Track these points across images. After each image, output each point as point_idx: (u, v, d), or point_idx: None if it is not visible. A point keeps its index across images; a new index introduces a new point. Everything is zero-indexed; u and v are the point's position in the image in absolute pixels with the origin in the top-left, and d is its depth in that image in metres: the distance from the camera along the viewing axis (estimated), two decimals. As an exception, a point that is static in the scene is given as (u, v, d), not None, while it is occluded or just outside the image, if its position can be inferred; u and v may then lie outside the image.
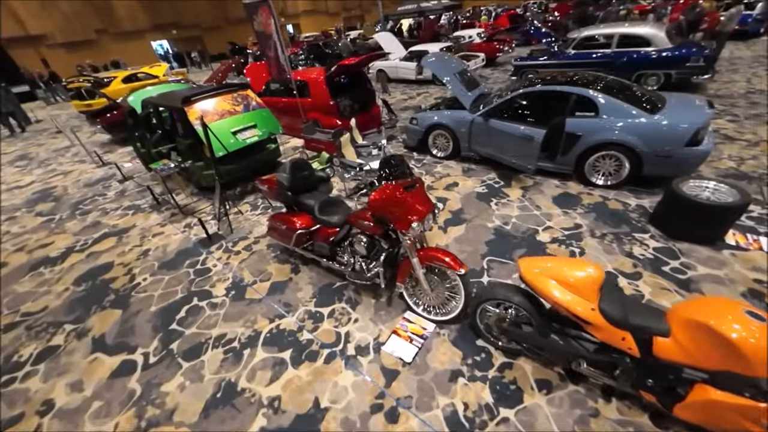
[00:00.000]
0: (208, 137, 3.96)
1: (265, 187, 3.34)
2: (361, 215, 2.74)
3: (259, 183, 3.44)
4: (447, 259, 2.46)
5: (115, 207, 5.44)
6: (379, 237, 2.80)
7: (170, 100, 5.13)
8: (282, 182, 3.16)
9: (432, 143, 5.74)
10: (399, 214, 2.42)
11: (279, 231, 3.35)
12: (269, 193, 3.35)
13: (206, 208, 5.05)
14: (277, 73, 5.99)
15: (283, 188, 3.16)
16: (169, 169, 4.63)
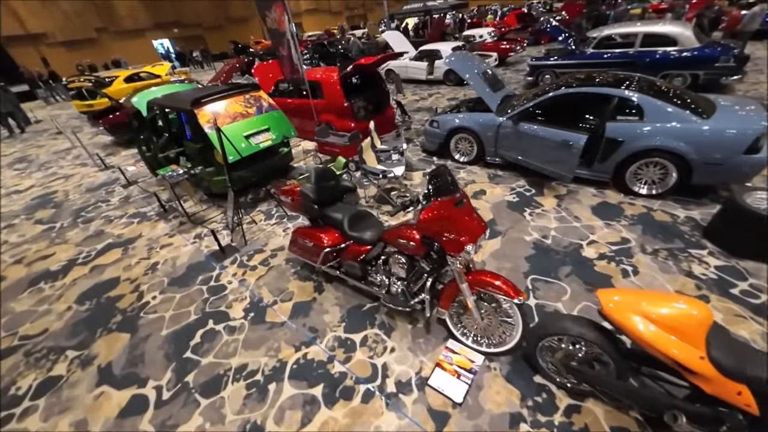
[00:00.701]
0: (221, 142, 3.66)
1: (288, 198, 3.03)
2: (400, 233, 2.44)
3: (280, 194, 3.13)
4: (502, 285, 2.16)
5: (119, 215, 5.14)
6: (419, 257, 2.50)
7: (178, 101, 4.83)
8: (307, 194, 2.86)
9: (454, 147, 5.44)
10: (451, 235, 2.13)
11: (303, 248, 3.05)
12: (292, 206, 3.05)
13: (217, 216, 4.75)
14: (290, 73, 5.69)
15: (309, 201, 2.86)
16: (177, 176, 4.33)
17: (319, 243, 2.85)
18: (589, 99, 4.18)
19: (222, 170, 4.79)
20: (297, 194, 2.94)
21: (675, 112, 3.65)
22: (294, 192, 2.97)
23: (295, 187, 3.05)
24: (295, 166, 6.08)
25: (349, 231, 2.80)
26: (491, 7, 27.51)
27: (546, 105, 4.44)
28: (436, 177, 2.26)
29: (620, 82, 4.05)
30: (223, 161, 3.87)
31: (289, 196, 3.01)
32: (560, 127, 4.07)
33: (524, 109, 4.45)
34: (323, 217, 2.98)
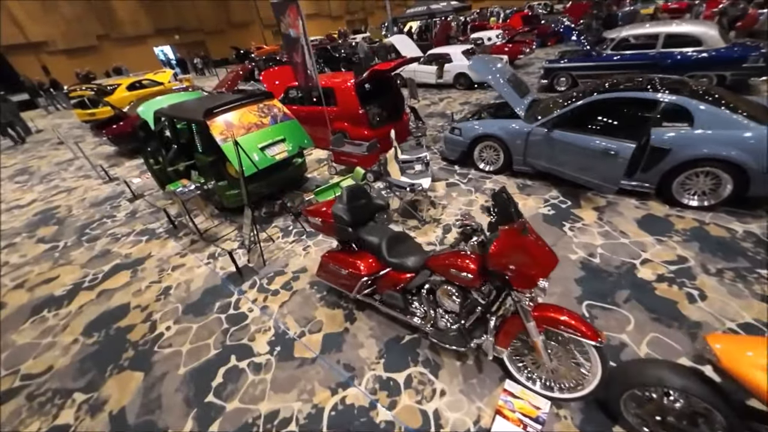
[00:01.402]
0: (238, 155, 3.38)
1: (318, 220, 2.75)
2: (453, 262, 2.15)
3: (308, 215, 2.84)
4: (578, 324, 1.87)
5: (126, 232, 4.86)
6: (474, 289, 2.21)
7: (188, 111, 4.57)
8: (341, 216, 2.58)
9: (478, 156, 5.16)
10: (520, 268, 1.84)
11: (336, 275, 2.76)
12: (323, 228, 2.76)
13: (230, 233, 4.47)
14: (304, 80, 5.43)
15: (344, 224, 2.58)
16: (189, 192, 4.06)
17: (356, 271, 2.56)
18: (629, 104, 3.92)
19: (235, 184, 4.53)
20: (328, 216, 2.66)
21: (728, 118, 3.38)
22: (325, 213, 2.68)
23: (323, 207, 2.77)
24: (308, 177, 5.80)
25: (389, 257, 2.52)
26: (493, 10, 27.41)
27: (581, 111, 4.17)
28: (497, 202, 1.99)
29: (666, 85, 3.78)
30: (240, 175, 3.59)
31: (318, 217, 2.73)
32: (601, 135, 3.79)
33: (558, 115, 4.18)
34: (357, 240, 2.70)
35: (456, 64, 10.22)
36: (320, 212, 2.74)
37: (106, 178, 6.94)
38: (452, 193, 4.73)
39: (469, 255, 2.11)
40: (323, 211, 2.71)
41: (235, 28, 31.66)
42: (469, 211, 4.26)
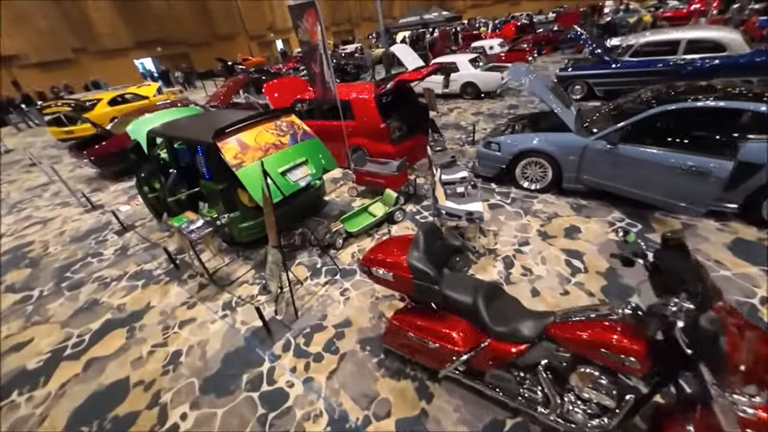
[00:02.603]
0: (267, 183, 2.72)
1: (388, 274, 2.09)
2: (601, 337, 1.57)
3: (369, 266, 2.18)
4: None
5: (116, 274, 4.07)
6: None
7: (190, 131, 3.89)
8: (423, 271, 1.95)
9: (520, 173, 4.65)
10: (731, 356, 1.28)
11: (416, 348, 2.12)
12: (394, 285, 2.12)
13: (246, 275, 3.76)
14: (322, 93, 4.83)
15: (428, 281, 1.95)
16: (199, 230, 3.35)
17: (451, 345, 1.93)
18: (703, 114, 3.49)
19: (249, 215, 3.86)
20: (403, 269, 2.02)
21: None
22: (397, 266, 2.05)
23: (388, 254, 2.13)
24: (326, 201, 5.15)
25: (492, 323, 1.91)
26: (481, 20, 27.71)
27: (646, 123, 3.71)
28: (669, 262, 1.44)
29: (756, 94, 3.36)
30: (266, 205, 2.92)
31: (388, 270, 2.09)
32: (679, 150, 3.33)
33: (621, 127, 3.71)
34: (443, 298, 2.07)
35: (463, 73, 9.85)
36: (389, 263, 2.10)
37: (88, 206, 6.08)
38: (499, 216, 4.18)
39: (624, 325, 1.54)
40: (394, 262, 2.08)
41: (220, 40, 30.90)
42: (527, 239, 3.71)
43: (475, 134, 6.75)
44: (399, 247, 2.20)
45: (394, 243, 2.29)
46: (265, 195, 2.75)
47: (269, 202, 2.71)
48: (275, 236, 2.80)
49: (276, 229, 2.76)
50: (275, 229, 2.75)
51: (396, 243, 2.29)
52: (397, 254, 2.11)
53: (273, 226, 2.76)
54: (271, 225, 2.77)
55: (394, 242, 2.32)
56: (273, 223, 2.74)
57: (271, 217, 2.74)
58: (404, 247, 2.20)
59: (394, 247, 2.21)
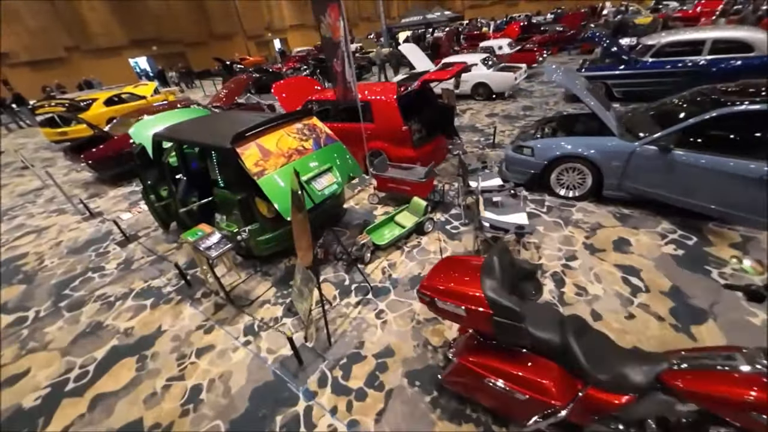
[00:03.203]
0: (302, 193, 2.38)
1: (459, 308, 1.77)
2: (743, 395, 1.27)
3: (433, 295, 1.86)
4: None
5: (121, 292, 3.70)
6: None
7: (203, 135, 3.55)
8: (506, 307, 1.63)
9: (556, 180, 4.36)
10: None
11: (494, 395, 1.79)
12: (467, 321, 1.80)
13: (267, 292, 3.42)
14: (343, 94, 4.50)
15: (513, 318, 1.63)
16: (218, 246, 3.00)
17: (543, 396, 1.61)
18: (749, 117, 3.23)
19: (268, 227, 3.52)
20: (479, 302, 1.70)
21: None
22: (471, 298, 1.73)
23: (461, 283, 1.82)
24: (346, 208, 4.82)
25: (591, 368, 1.60)
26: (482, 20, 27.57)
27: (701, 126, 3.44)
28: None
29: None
30: (296, 224, 2.59)
31: (460, 303, 1.76)
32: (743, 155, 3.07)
33: (674, 131, 3.44)
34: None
35: (474, 73, 9.57)
36: (459, 295, 1.77)
37: (86, 214, 5.68)
38: (537, 227, 3.88)
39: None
40: (466, 294, 1.75)
41: (217, 39, 30.41)
42: (573, 253, 3.42)
43: (495, 137, 6.45)
44: (465, 273, 1.88)
45: (458, 267, 1.98)
46: (297, 209, 2.42)
47: (303, 217, 2.38)
48: (309, 255, 2.46)
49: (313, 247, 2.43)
50: (311, 247, 2.42)
51: (459, 267, 1.98)
52: (468, 283, 1.80)
53: (308, 245, 2.42)
54: (306, 243, 2.43)
55: (456, 265, 2.00)
56: (309, 241, 2.40)
57: (306, 233, 2.40)
58: (470, 272, 1.89)
59: (460, 272, 1.90)
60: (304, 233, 2.39)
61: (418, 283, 3.28)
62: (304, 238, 2.40)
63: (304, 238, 2.41)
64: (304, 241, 2.40)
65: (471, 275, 1.85)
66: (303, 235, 2.43)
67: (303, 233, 2.40)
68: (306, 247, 2.42)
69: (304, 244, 2.42)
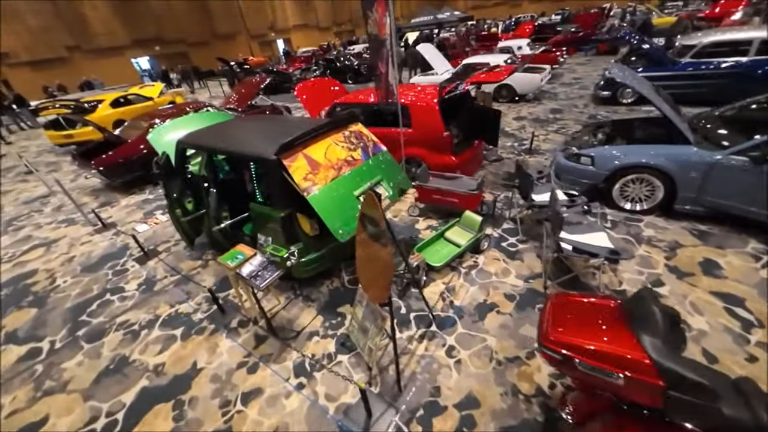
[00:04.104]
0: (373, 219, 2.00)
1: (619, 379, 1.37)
2: None
3: (573, 355, 1.48)
4: None
5: (146, 319, 3.31)
6: None
7: (237, 143, 3.17)
8: (690, 380, 1.25)
9: (618, 192, 3.99)
10: None
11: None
12: (624, 392, 1.42)
13: (314, 321, 3.03)
14: (385, 97, 4.13)
15: (701, 393, 1.26)
16: (264, 273, 2.61)
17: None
18: None
19: (311, 247, 3.14)
20: (645, 370, 1.32)
21: None
22: (631, 364, 1.34)
23: (610, 339, 1.44)
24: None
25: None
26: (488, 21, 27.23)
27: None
28: None
29: None
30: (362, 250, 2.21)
31: (614, 368, 1.38)
32: None
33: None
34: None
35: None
36: (611, 357, 1.39)
37: (98, 224, 5.28)
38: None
39: None
40: (622, 355, 1.37)
41: (220, 39, 29.99)
42: (658, 277, 3.04)
43: (532, 142, 6.09)
44: (601, 321, 1.53)
45: (585, 311, 1.63)
46: (374, 238, 2.03)
47: (383, 248, 1.98)
48: (385, 293, 2.07)
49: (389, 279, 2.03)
50: (390, 285, 2.02)
51: (587, 312, 1.63)
52: (618, 339, 1.43)
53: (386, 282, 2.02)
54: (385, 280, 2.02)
55: (581, 309, 1.65)
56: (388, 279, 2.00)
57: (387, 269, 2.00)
58: (608, 320, 1.53)
59: (592, 321, 1.54)
60: (384, 268, 1.99)
61: (485, 311, 2.92)
62: (384, 275, 2.00)
63: (382, 274, 2.01)
64: (383, 277, 2.01)
65: (613, 326, 1.49)
66: (381, 270, 2.03)
67: (383, 268, 2.01)
68: (384, 285, 2.03)
69: (382, 281, 2.03)
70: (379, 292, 2.11)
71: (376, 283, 2.13)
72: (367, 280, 2.24)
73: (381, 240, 1.96)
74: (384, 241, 1.94)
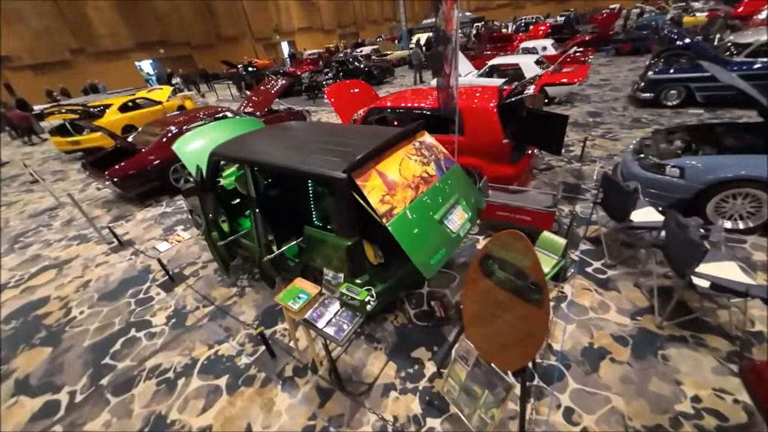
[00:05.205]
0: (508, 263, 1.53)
1: None
2: None
3: None
4: None
5: (181, 363, 2.81)
6: None
7: (291, 158, 2.70)
8: None
9: (713, 208, 3.50)
10: None
11: None
12: None
13: (386, 369, 2.54)
14: (446, 101, 3.66)
15: None
16: (341, 322, 2.12)
17: None
18: None
19: (377, 278, 2.66)
20: None
21: None
22: None
23: None
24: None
25: None
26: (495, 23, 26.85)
27: None
28: None
29: None
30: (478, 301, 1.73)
31: None
32: None
33: None
34: None
35: (528, 76, 8.75)
36: None
37: (114, 242, 4.79)
38: (713, 273, 3.01)
39: None
40: None
41: (224, 41, 29.62)
42: (797, 316, 2.55)
43: (584, 149, 5.60)
44: None
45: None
46: (522, 290, 1.54)
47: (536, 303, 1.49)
48: (523, 356, 1.57)
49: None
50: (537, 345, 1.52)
51: None
52: None
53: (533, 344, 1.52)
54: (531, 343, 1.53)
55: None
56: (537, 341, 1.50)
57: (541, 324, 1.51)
58: None
59: None
60: (532, 332, 1.49)
61: (596, 359, 2.43)
62: (529, 341, 1.50)
63: (527, 341, 1.51)
64: (527, 344, 1.51)
65: None
66: (523, 334, 1.54)
67: (527, 331, 1.51)
68: (525, 352, 1.53)
69: (522, 348, 1.53)
70: (515, 359, 1.62)
71: (508, 346, 1.63)
72: (490, 339, 1.75)
73: (531, 297, 1.47)
74: (537, 298, 1.45)
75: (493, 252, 1.62)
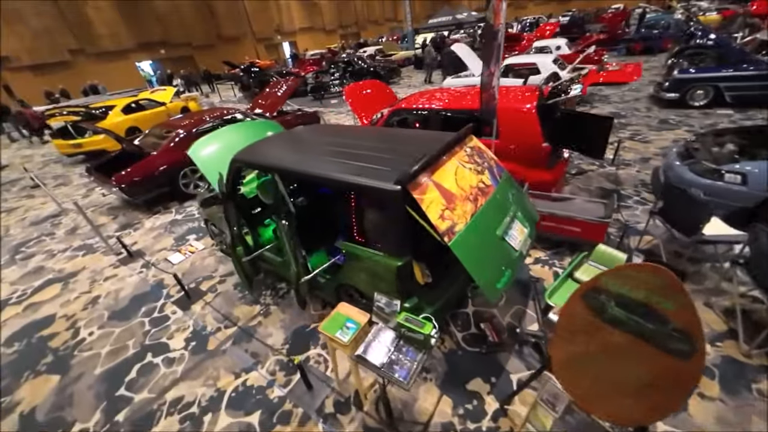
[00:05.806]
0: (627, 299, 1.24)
1: None
2: None
3: None
4: None
5: (207, 395, 2.52)
6: None
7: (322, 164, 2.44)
8: None
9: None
10: None
11: None
12: None
13: (441, 404, 2.25)
14: (487, 101, 3.37)
15: None
16: (400, 358, 1.83)
17: None
18: None
19: (423, 299, 2.39)
20: None
21: None
22: None
23: None
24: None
25: None
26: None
27: None
28: None
29: None
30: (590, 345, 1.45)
31: None
32: None
33: None
34: None
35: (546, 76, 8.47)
36: None
37: (123, 253, 4.49)
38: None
39: None
40: None
41: (225, 42, 29.29)
42: None
43: (617, 152, 5.32)
44: None
45: None
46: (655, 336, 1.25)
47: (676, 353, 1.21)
48: (650, 412, 1.29)
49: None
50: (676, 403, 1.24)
51: None
52: None
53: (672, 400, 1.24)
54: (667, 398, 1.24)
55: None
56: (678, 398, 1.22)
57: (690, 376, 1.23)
58: None
59: None
60: (679, 376, 1.21)
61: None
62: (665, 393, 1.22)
63: (654, 393, 1.23)
64: (656, 396, 1.23)
65: None
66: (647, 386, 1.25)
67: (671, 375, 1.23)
68: (652, 407, 1.25)
69: (647, 401, 1.24)
70: (633, 414, 1.33)
71: (621, 398, 1.35)
72: (592, 385, 1.46)
73: (671, 346, 1.18)
74: (682, 349, 1.16)
75: (608, 286, 1.33)
